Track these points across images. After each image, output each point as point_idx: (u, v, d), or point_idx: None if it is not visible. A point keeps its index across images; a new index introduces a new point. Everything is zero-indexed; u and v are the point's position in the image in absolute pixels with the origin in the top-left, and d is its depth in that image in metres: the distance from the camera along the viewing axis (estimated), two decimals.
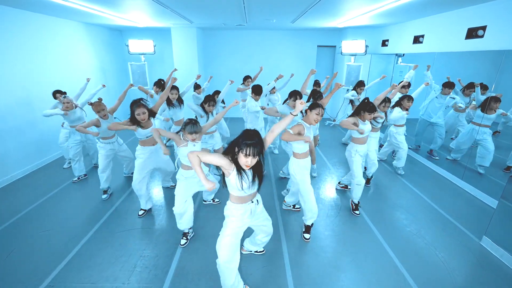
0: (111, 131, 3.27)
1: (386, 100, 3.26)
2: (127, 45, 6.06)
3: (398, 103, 3.74)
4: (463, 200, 3.42)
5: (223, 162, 1.57)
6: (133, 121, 2.67)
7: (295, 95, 3.14)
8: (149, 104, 3.02)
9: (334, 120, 7.22)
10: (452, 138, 4.63)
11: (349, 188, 3.43)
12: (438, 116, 4.35)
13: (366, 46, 5.89)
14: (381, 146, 5.02)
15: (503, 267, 2.32)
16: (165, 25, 6.13)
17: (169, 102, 3.94)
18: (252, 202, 1.80)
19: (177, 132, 2.39)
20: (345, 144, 5.51)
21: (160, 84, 4.47)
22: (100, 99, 3.22)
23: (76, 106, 3.67)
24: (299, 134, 2.39)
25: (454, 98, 4.25)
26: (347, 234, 2.73)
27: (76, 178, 3.87)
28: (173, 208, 2.47)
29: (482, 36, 3.45)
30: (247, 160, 1.51)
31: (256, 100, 3.86)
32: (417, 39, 4.79)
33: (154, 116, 2.85)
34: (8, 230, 2.80)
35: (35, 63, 4.23)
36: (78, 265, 2.32)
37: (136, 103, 2.64)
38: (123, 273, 2.23)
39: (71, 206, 3.25)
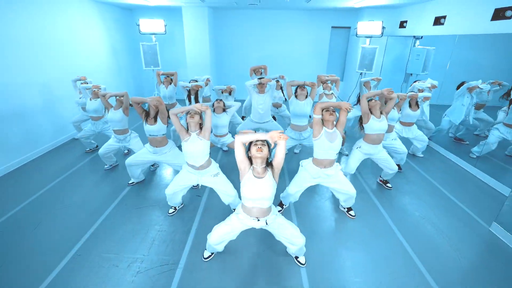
0: (124, 123, 3.25)
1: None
2: (138, 25, 5.99)
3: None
4: (475, 186, 3.42)
5: (242, 164, 1.83)
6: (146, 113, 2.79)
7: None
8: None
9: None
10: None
11: (389, 186, 3.34)
12: (465, 115, 4.09)
13: (383, 28, 5.66)
14: None
15: (508, 251, 2.36)
16: (176, 4, 6.01)
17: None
18: (259, 220, 1.89)
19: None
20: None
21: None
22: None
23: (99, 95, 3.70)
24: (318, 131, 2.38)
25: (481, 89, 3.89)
26: (357, 217, 2.79)
27: (88, 148, 4.22)
28: (166, 190, 2.61)
29: (510, 18, 3.28)
30: (256, 147, 1.75)
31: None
32: (438, 20, 4.57)
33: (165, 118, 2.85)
34: (34, 203, 2.97)
35: (47, 43, 4.24)
36: (101, 237, 2.48)
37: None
38: (143, 246, 2.37)
39: (90, 182, 3.40)
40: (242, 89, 4.50)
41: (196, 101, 3.81)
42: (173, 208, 2.81)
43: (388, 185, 3.31)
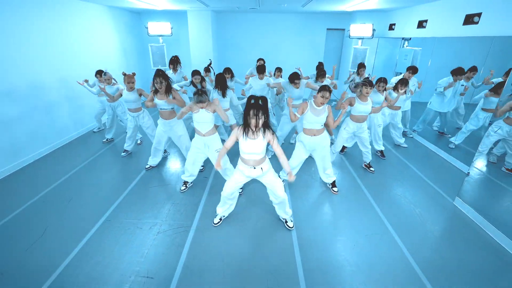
0: (137, 103, 3.77)
1: (382, 80, 3.65)
2: (147, 27, 6.48)
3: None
4: (446, 170, 3.89)
5: (234, 136, 2.22)
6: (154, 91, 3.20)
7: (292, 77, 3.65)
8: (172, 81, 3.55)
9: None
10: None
11: (372, 170, 3.82)
12: (445, 105, 4.53)
13: (373, 30, 6.13)
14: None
15: (467, 220, 2.83)
16: (182, 8, 6.49)
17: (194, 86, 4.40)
18: (255, 168, 2.29)
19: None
20: None
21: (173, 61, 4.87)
22: (133, 73, 3.73)
23: (113, 83, 4.24)
24: (303, 111, 2.86)
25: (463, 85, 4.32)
26: (341, 193, 3.26)
27: (105, 139, 4.76)
28: (186, 162, 3.13)
29: (477, 23, 3.74)
30: (254, 121, 2.04)
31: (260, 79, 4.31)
32: (421, 24, 5.05)
33: (169, 92, 3.23)
34: (65, 183, 3.45)
35: (64, 45, 4.70)
36: (124, 208, 2.96)
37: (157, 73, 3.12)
38: (161, 214, 2.85)
39: (111, 167, 3.88)
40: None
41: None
42: (184, 185, 3.28)
43: (371, 168, 3.78)
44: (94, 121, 5.31)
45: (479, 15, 3.69)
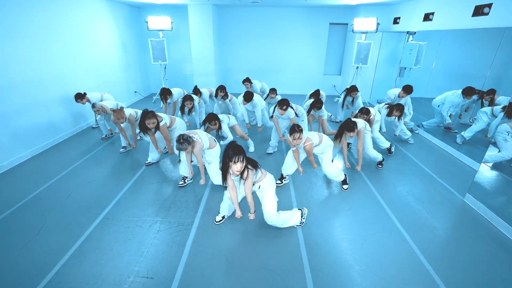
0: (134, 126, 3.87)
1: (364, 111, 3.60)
2: (146, 22, 6.36)
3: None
4: (454, 166, 3.78)
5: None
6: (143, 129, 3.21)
7: (280, 104, 3.53)
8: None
9: (330, 116, 7.43)
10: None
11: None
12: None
13: (378, 24, 6.00)
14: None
15: (478, 217, 2.73)
16: (182, 2, 6.36)
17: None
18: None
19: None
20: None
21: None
22: (121, 108, 3.68)
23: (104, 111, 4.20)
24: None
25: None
26: (350, 192, 3.17)
27: (104, 135, 4.67)
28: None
29: (487, 14, 3.62)
30: (237, 166, 1.96)
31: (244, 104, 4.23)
32: (427, 17, 4.92)
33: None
34: (63, 179, 3.36)
35: (63, 40, 4.59)
36: (124, 205, 2.86)
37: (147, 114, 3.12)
38: (161, 212, 2.76)
39: (110, 163, 3.79)
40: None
41: (189, 113, 4.55)
42: (183, 180, 3.20)
43: (379, 166, 3.67)
44: (93, 116, 5.21)
45: (489, 5, 3.57)
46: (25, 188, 3.15)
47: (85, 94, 4.39)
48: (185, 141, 2.61)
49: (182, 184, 3.19)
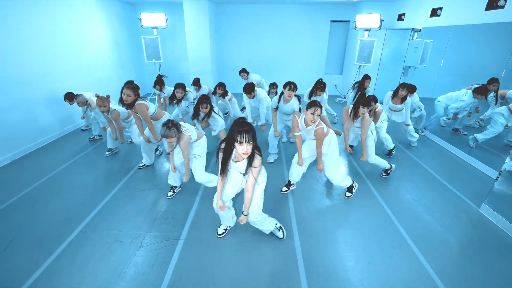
0: (124, 114, 3.57)
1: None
2: (140, 19, 6.10)
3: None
4: (466, 172, 3.51)
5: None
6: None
7: (288, 84, 3.12)
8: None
9: (344, 97, 7.18)
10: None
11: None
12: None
13: (381, 21, 5.73)
14: None
15: (496, 230, 2.46)
16: None
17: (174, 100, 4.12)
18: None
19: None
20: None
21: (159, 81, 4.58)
22: (108, 96, 3.40)
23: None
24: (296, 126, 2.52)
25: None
26: (351, 198, 2.90)
27: (91, 137, 4.41)
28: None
29: (503, 7, 3.34)
30: (243, 148, 1.59)
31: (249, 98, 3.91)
32: (434, 12, 4.64)
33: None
34: (44, 185, 3.10)
35: (51, 37, 4.33)
36: (105, 216, 2.60)
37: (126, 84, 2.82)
38: (145, 224, 2.49)
39: (95, 167, 3.52)
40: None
41: (178, 103, 4.12)
42: (171, 190, 2.92)
43: (384, 174, 3.36)
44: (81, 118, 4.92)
45: None
46: (0, 195, 2.89)
47: (77, 95, 4.04)
48: (173, 126, 2.29)
49: (172, 195, 2.91)
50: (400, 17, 5.85)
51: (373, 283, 1.92)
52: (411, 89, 4.13)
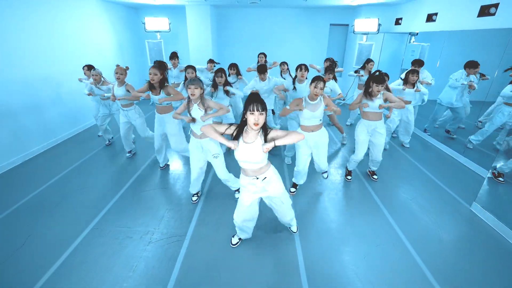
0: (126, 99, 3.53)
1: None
2: (144, 23, 6.24)
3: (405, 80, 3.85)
4: (459, 172, 3.64)
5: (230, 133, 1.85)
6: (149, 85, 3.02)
7: (299, 67, 3.36)
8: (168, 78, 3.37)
9: (343, 99, 7.32)
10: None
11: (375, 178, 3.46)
12: (457, 100, 4.28)
13: (379, 25, 5.87)
14: None
15: (486, 227, 2.59)
16: (180, 3, 6.25)
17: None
18: (257, 178, 1.91)
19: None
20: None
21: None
22: (127, 67, 3.53)
23: (103, 82, 3.98)
24: (297, 106, 2.61)
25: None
26: (347, 198, 3.03)
27: (107, 142, 4.46)
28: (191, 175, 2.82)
29: (494, 14, 3.49)
30: (254, 117, 1.67)
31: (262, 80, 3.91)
32: (430, 17, 4.78)
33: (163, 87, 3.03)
34: (54, 185, 3.24)
35: (57, 41, 4.47)
36: (115, 214, 2.74)
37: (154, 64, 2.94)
38: (153, 222, 2.63)
39: (102, 168, 3.66)
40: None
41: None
42: (195, 195, 2.96)
43: (375, 176, 3.44)
44: (89, 119, 5.08)
45: (496, 5, 3.43)
46: (13, 196, 3.03)
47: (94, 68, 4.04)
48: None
49: (196, 200, 2.95)
50: (397, 22, 6.00)
51: (368, 277, 2.06)
52: (420, 65, 4.13)
